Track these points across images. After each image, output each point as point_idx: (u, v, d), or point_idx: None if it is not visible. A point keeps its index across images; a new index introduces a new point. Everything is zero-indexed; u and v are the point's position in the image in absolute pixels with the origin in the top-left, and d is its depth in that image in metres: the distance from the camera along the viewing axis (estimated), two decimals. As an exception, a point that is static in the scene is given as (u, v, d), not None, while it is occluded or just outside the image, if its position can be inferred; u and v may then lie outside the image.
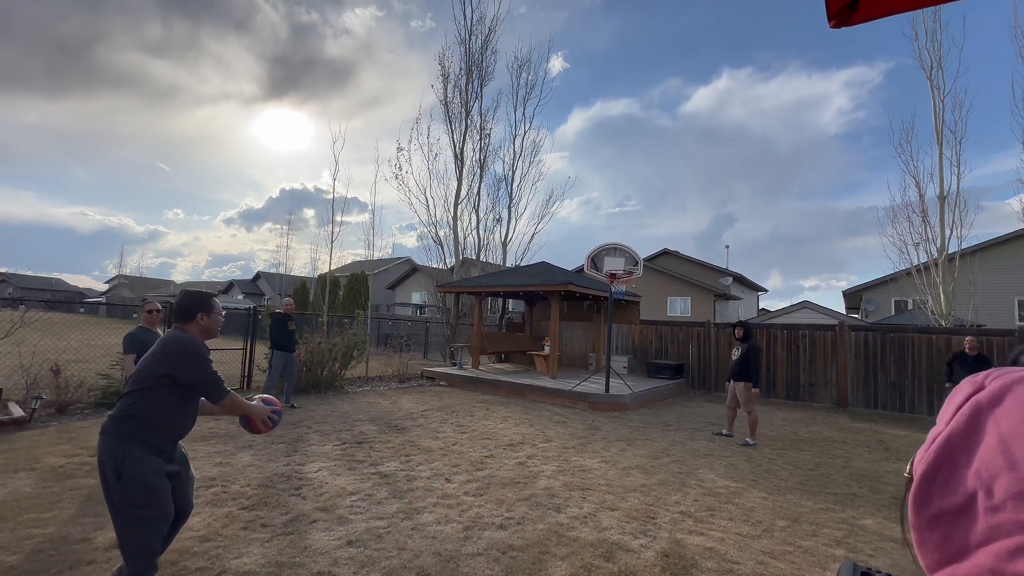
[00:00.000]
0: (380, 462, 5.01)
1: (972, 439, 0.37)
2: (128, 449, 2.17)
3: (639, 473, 5.07)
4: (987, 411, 0.37)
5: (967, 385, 0.41)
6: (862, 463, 5.89)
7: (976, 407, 0.38)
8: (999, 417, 0.36)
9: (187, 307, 2.48)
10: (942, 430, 0.40)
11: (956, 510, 0.36)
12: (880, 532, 3.83)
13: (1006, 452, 0.34)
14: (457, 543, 3.31)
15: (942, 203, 12.32)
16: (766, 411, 9.34)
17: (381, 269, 35.87)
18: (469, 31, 16.83)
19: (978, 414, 0.37)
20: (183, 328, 2.45)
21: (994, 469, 0.34)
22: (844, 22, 1.11)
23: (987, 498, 0.34)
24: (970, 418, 0.38)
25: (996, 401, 0.37)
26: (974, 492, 0.35)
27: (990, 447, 0.35)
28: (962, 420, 0.38)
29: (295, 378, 8.01)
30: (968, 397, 0.40)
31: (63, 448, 4.98)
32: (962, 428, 0.38)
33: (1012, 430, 0.34)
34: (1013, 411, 0.35)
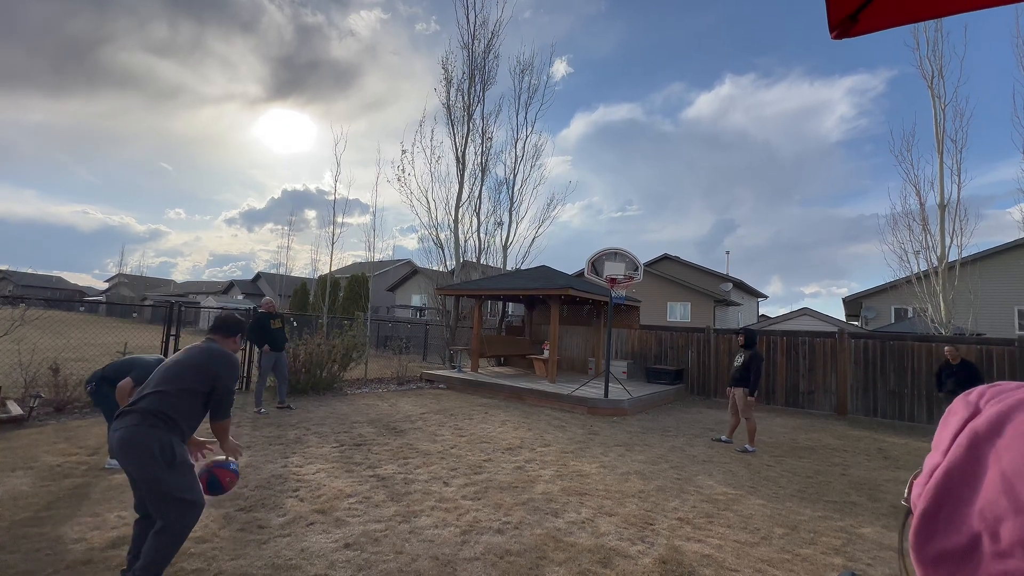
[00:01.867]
0: (378, 465, 5.01)
1: (973, 474, 0.35)
2: (175, 439, 2.38)
3: (637, 479, 5.06)
4: (986, 442, 0.35)
5: (961, 408, 0.39)
6: (861, 471, 5.88)
7: (974, 437, 0.36)
8: (1001, 451, 0.34)
9: (233, 326, 2.83)
10: (939, 462, 0.38)
11: (960, 551, 0.35)
12: (879, 541, 3.82)
13: (1010, 494, 0.32)
14: (454, 547, 3.30)
15: (942, 211, 12.34)
16: (765, 418, 9.32)
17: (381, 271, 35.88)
18: (472, 35, 16.92)
19: (977, 445, 0.36)
20: (221, 342, 2.75)
21: (999, 511, 0.32)
22: (845, 33, 1.12)
23: (993, 542, 0.32)
24: (968, 450, 0.36)
25: (996, 431, 0.35)
26: (978, 533, 0.34)
27: (993, 485, 0.33)
28: (960, 452, 0.37)
29: (286, 377, 7.88)
30: (964, 423, 0.38)
31: (61, 447, 4.97)
32: (961, 461, 0.36)
33: (1015, 468, 0.33)
34: (1015, 444, 0.34)
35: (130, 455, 2.29)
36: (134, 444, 2.28)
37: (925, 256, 12.67)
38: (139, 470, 2.30)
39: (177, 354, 2.65)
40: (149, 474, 2.28)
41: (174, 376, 2.47)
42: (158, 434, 2.32)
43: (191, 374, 2.49)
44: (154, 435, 2.31)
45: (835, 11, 1.04)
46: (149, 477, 2.29)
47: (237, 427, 6.19)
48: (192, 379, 2.48)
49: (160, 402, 2.38)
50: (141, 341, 9.33)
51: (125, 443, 2.30)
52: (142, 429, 2.31)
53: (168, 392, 2.42)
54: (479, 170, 16.94)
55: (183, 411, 2.44)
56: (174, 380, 2.45)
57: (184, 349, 2.70)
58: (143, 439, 2.29)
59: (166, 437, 2.34)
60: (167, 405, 2.39)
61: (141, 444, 2.28)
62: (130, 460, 2.30)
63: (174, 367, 2.51)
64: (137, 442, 2.28)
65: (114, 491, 3.91)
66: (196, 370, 2.50)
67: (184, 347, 2.77)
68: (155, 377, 2.50)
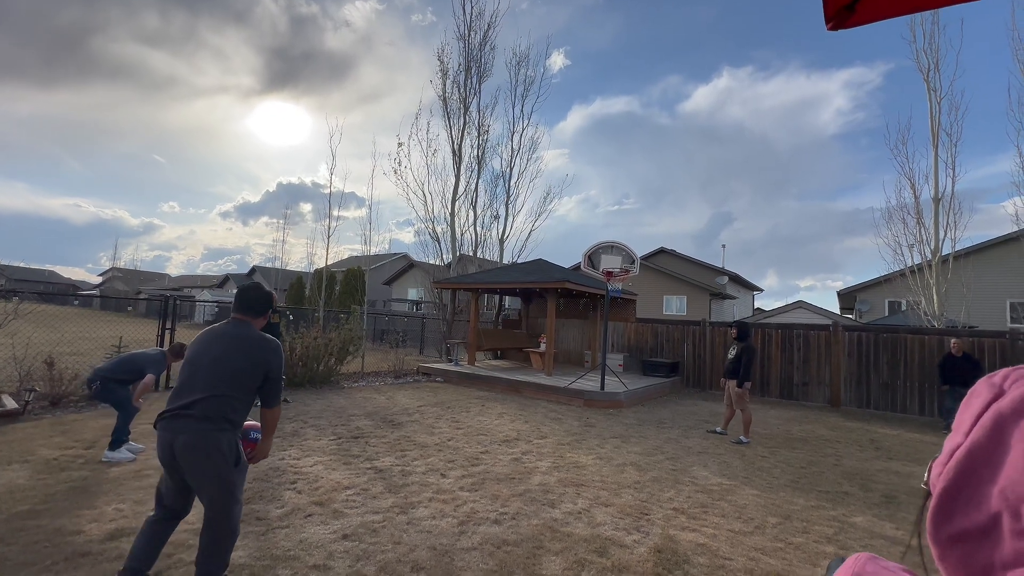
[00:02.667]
0: (376, 457, 5.03)
1: (996, 454, 0.35)
2: (237, 438, 2.37)
3: (633, 470, 5.10)
4: (1011, 422, 0.35)
5: (985, 389, 0.38)
6: (853, 462, 5.95)
7: (998, 418, 0.36)
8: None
9: (265, 302, 2.58)
10: (961, 442, 0.38)
11: (980, 530, 0.35)
12: (870, 529, 3.88)
13: None
14: (452, 537, 3.33)
15: (937, 205, 12.40)
16: (760, 410, 9.40)
17: (377, 264, 35.79)
18: (468, 26, 16.78)
19: (1001, 426, 0.35)
20: (256, 323, 2.55)
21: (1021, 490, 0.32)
22: (841, 24, 1.12)
23: (1014, 520, 0.32)
24: (992, 430, 0.35)
25: (1021, 411, 0.35)
26: (999, 512, 0.33)
27: (1017, 465, 0.33)
28: (984, 432, 0.36)
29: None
30: (987, 404, 0.37)
31: (57, 440, 4.97)
32: (984, 441, 0.36)
33: None
34: None
35: (199, 457, 2.24)
36: (206, 448, 2.24)
37: (919, 249, 12.75)
38: (211, 471, 2.25)
39: (215, 348, 2.41)
40: (224, 475, 2.27)
41: (228, 378, 2.34)
42: (226, 436, 2.30)
43: (245, 374, 2.38)
44: (223, 438, 2.29)
45: (831, 1, 1.05)
46: (224, 478, 2.27)
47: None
48: (247, 379, 2.39)
49: (221, 406, 2.30)
50: (136, 335, 9.29)
51: (193, 447, 2.24)
52: (211, 433, 2.26)
53: (225, 395, 2.32)
54: (475, 163, 16.88)
55: (241, 411, 2.40)
56: (229, 382, 2.33)
57: (217, 338, 2.45)
58: (215, 442, 2.25)
59: (232, 438, 2.33)
60: (228, 408, 2.32)
61: (213, 447, 2.25)
62: (199, 462, 2.24)
63: (224, 367, 2.35)
64: (208, 445, 2.24)
65: (111, 484, 3.92)
66: (249, 368, 2.38)
67: (213, 333, 2.48)
68: (204, 377, 2.33)
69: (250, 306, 2.55)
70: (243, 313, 2.54)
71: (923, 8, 1.17)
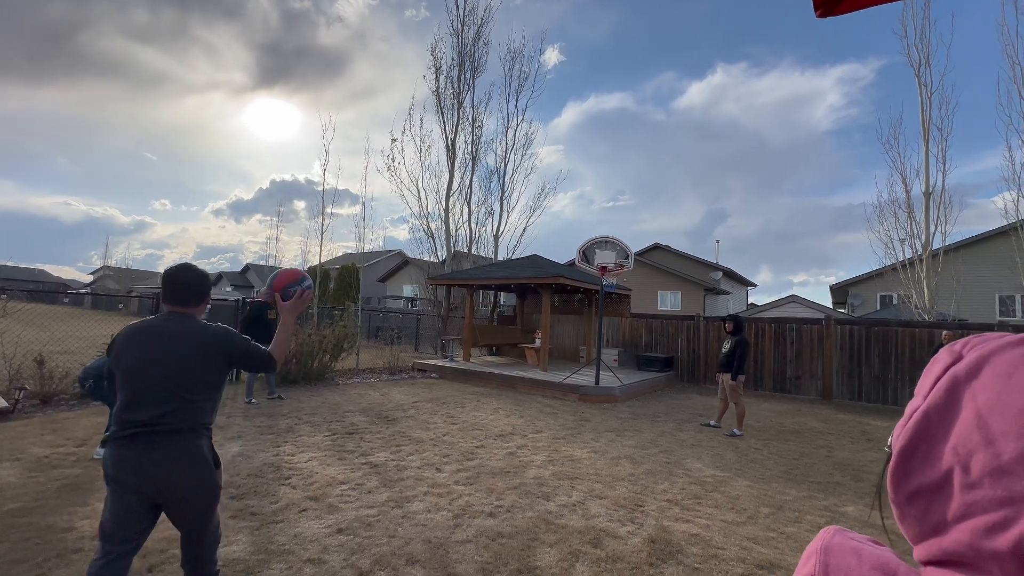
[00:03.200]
0: (370, 452, 5.02)
1: (949, 413, 0.36)
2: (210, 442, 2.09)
3: (627, 463, 5.13)
4: (964, 384, 0.36)
5: (945, 355, 0.40)
6: (845, 453, 6.02)
7: (954, 380, 0.37)
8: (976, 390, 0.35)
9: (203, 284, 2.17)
10: (919, 404, 0.39)
11: (934, 485, 0.36)
12: (861, 519, 3.92)
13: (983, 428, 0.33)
14: (447, 531, 3.34)
15: (927, 200, 12.52)
16: (753, 403, 9.47)
17: (372, 262, 35.65)
18: (462, 21, 16.69)
19: (955, 387, 0.37)
20: (196, 312, 2.14)
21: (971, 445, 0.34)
22: (830, 11, 1.13)
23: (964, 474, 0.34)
24: (947, 391, 0.37)
25: (974, 373, 0.36)
26: (951, 468, 0.35)
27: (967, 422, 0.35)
28: (939, 394, 0.38)
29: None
30: (946, 368, 0.39)
31: (48, 439, 4.93)
32: (940, 402, 0.37)
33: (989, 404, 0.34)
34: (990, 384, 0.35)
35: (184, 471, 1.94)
36: (190, 459, 1.95)
37: (910, 244, 12.89)
38: (199, 483, 1.98)
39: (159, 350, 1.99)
40: (212, 484, 2.03)
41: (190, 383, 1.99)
42: (206, 442, 2.04)
43: (209, 374, 2.03)
44: (204, 444, 2.02)
45: (819, -13, 1.05)
46: (213, 488, 2.04)
47: (228, 418, 6.18)
48: (211, 377, 2.05)
49: (192, 412, 1.99)
50: (128, 333, 9.20)
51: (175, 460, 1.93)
52: (192, 441, 1.97)
53: (194, 401, 2.00)
54: (470, 159, 16.83)
55: (212, 411, 2.11)
56: (193, 388, 1.99)
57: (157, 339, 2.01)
58: (198, 451, 1.98)
59: (209, 443, 2.06)
60: (200, 413, 2.02)
61: (198, 456, 1.97)
62: (184, 476, 1.94)
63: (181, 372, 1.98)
64: (193, 456, 1.96)
65: (104, 481, 3.89)
66: (201, 367, 2.02)
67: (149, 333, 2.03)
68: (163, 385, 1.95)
69: (188, 293, 2.11)
70: (179, 303, 2.10)
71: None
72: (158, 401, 1.95)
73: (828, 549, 0.47)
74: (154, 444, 1.92)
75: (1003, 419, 0.33)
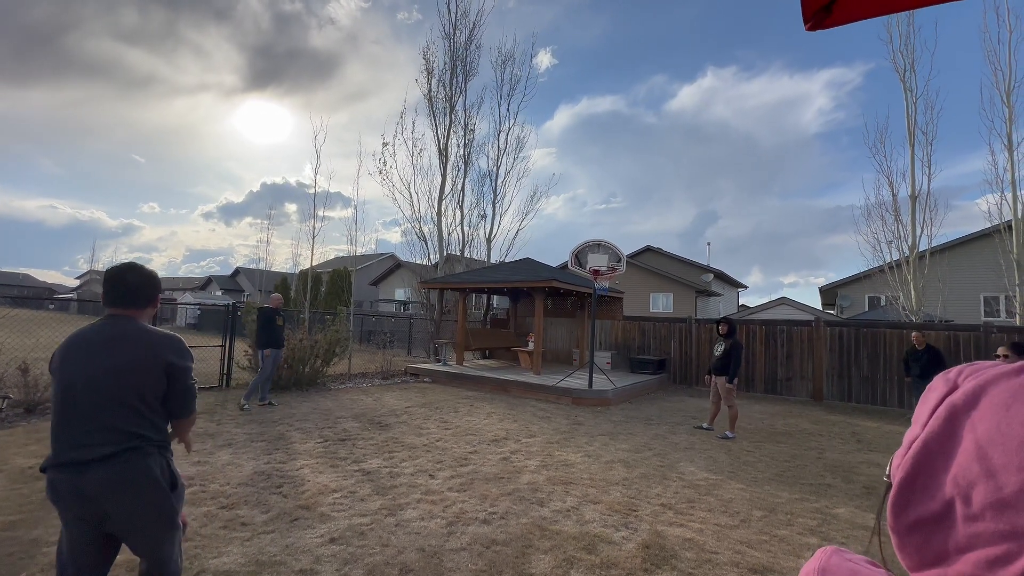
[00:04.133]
0: (363, 459, 4.98)
1: (949, 444, 0.36)
2: (169, 457, 1.91)
3: (621, 467, 5.14)
4: (963, 414, 0.36)
5: (940, 384, 0.40)
6: (836, 454, 6.08)
7: (952, 410, 0.37)
8: (975, 421, 0.35)
9: (149, 285, 1.97)
10: (918, 434, 0.39)
11: (934, 516, 0.36)
12: (852, 521, 3.96)
13: (983, 459, 0.33)
14: (441, 538, 3.32)
15: (913, 202, 12.72)
16: (745, 405, 9.54)
17: (364, 265, 35.48)
18: (454, 25, 16.72)
19: (954, 417, 0.37)
20: (141, 316, 1.95)
21: (971, 476, 0.34)
22: (819, 24, 1.14)
23: (965, 506, 0.34)
24: (946, 421, 0.37)
25: (972, 403, 0.36)
26: (952, 499, 0.35)
27: (967, 453, 0.35)
28: (938, 424, 0.38)
29: (272, 376, 7.90)
30: (943, 398, 0.39)
31: (32, 449, 4.83)
32: (938, 432, 0.37)
33: (988, 436, 0.34)
34: (989, 415, 0.35)
35: (128, 494, 1.74)
36: (134, 480, 1.74)
37: (897, 246, 13.08)
38: (146, 507, 1.78)
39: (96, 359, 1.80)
40: (163, 507, 1.82)
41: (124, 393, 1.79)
42: (154, 460, 1.82)
43: (144, 383, 1.82)
44: (152, 462, 1.80)
45: (809, 2, 1.06)
46: (164, 510, 1.82)
47: (218, 425, 6.10)
48: (148, 387, 1.83)
49: (132, 426, 1.78)
50: (115, 339, 9.07)
51: (118, 483, 1.72)
52: (135, 460, 1.76)
53: (134, 411, 1.79)
54: (462, 162, 16.84)
55: (159, 424, 1.88)
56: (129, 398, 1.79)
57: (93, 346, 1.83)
58: (144, 470, 1.77)
59: (161, 460, 1.84)
60: (142, 425, 1.81)
61: (144, 477, 1.77)
62: (128, 500, 1.74)
63: (116, 381, 1.78)
64: (138, 476, 1.75)
65: (90, 492, 3.82)
66: (141, 374, 1.81)
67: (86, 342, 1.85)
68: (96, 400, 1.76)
69: (131, 294, 1.92)
70: (122, 306, 1.91)
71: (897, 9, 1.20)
72: (94, 415, 1.76)
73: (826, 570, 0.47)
74: (95, 466, 1.71)
75: (1004, 451, 0.33)
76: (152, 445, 1.83)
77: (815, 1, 1.08)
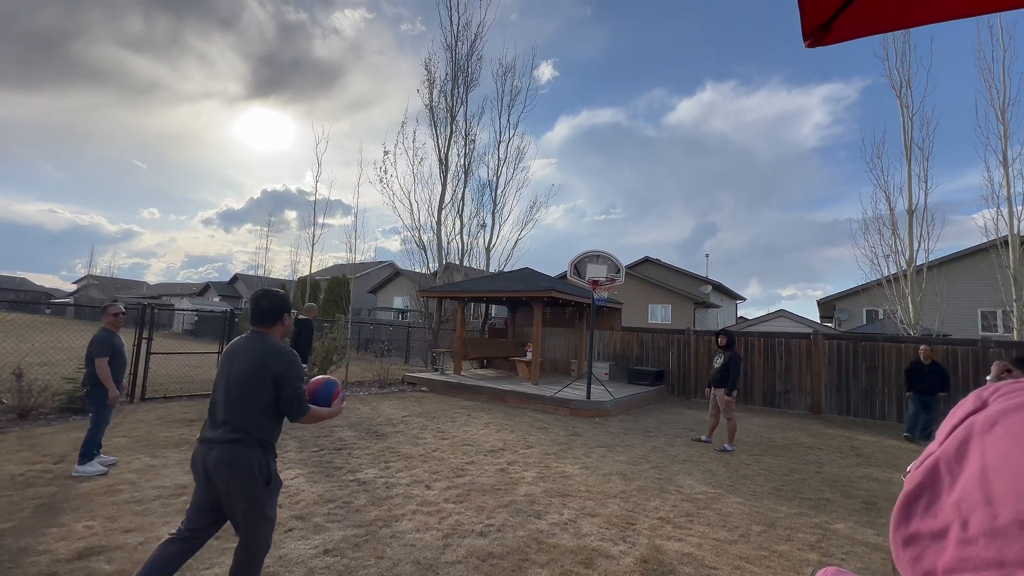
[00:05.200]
0: (359, 469, 4.93)
1: (959, 466, 0.36)
2: (269, 457, 2.31)
3: (619, 479, 5.09)
4: (978, 436, 0.36)
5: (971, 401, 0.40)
6: (835, 468, 6.04)
7: (968, 430, 0.37)
8: (987, 445, 0.35)
9: (275, 308, 2.43)
10: (934, 450, 0.39)
11: (932, 534, 0.36)
12: (852, 536, 3.92)
13: (985, 486, 0.33)
14: (436, 551, 3.28)
15: (911, 217, 12.80)
16: (743, 417, 9.51)
17: (363, 273, 35.46)
18: (455, 37, 16.90)
19: (968, 439, 0.37)
20: (269, 332, 2.42)
21: (972, 501, 0.34)
22: (819, 42, 1.16)
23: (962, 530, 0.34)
24: (961, 443, 0.37)
25: (988, 427, 0.36)
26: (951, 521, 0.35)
27: (972, 478, 0.35)
28: (953, 443, 0.37)
29: None
30: (966, 415, 0.38)
31: (24, 455, 4.77)
32: (951, 453, 0.37)
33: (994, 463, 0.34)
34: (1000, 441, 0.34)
35: (228, 475, 2.20)
36: (235, 465, 2.21)
37: (894, 260, 13.14)
38: (239, 489, 2.21)
39: (235, 364, 2.33)
40: (249, 493, 2.21)
41: (245, 395, 2.27)
42: (255, 454, 2.23)
43: (256, 388, 2.26)
44: (252, 455, 2.22)
45: (809, 20, 1.08)
46: (249, 496, 2.21)
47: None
48: (259, 393, 2.27)
49: (245, 424, 2.24)
50: (111, 344, 9.02)
51: (224, 464, 2.21)
52: (240, 451, 2.22)
53: (248, 412, 2.25)
54: (462, 172, 16.92)
55: (268, 427, 2.30)
56: (247, 399, 2.26)
57: (235, 354, 2.35)
58: (244, 461, 2.21)
59: (261, 456, 2.25)
60: (253, 425, 2.25)
61: (243, 466, 2.20)
62: (228, 479, 2.20)
63: (240, 384, 2.28)
64: (238, 463, 2.20)
65: (81, 500, 3.77)
66: (257, 380, 2.26)
67: (232, 349, 2.39)
68: (225, 397, 2.29)
69: (261, 316, 2.41)
70: (257, 324, 2.41)
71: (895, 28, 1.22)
72: (223, 408, 2.28)
73: None
74: (214, 447, 2.23)
75: (1005, 480, 0.32)
76: (255, 441, 2.25)
77: (815, 18, 1.10)
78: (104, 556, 2.96)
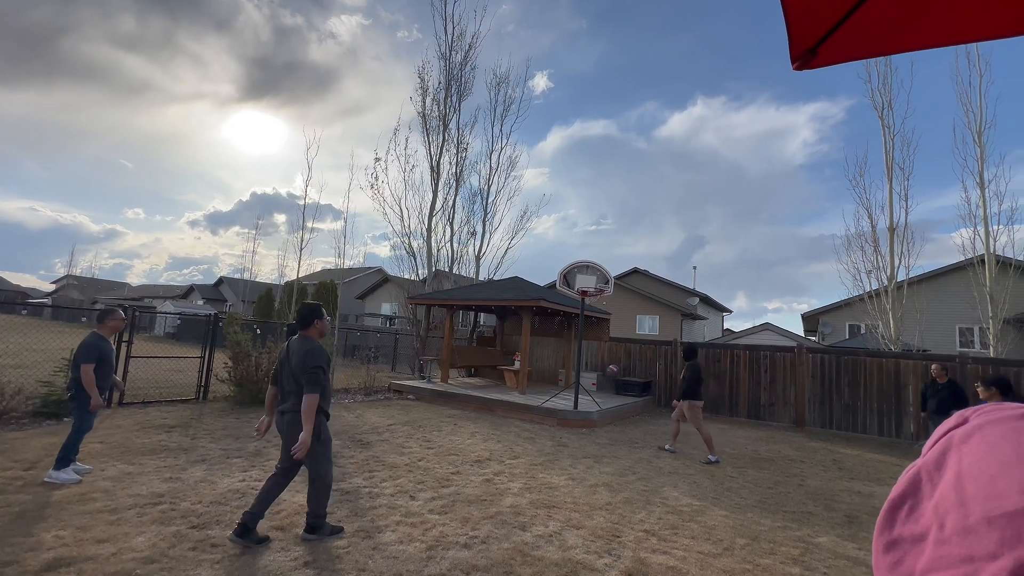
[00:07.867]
0: (342, 478, 4.85)
1: (938, 473, 0.39)
2: (321, 420, 3.44)
3: (605, 491, 5.08)
4: (955, 448, 0.39)
5: (954, 418, 0.43)
6: (818, 482, 6.09)
7: (948, 443, 0.40)
8: (963, 454, 0.38)
9: (307, 316, 3.54)
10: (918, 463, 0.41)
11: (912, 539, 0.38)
12: (834, 550, 3.95)
13: (959, 489, 0.35)
14: (419, 563, 3.22)
15: (892, 234, 13.10)
16: (728, 429, 9.57)
17: (351, 278, 35.19)
18: (450, 46, 17.01)
19: (947, 450, 0.39)
20: (307, 334, 3.53)
21: (948, 504, 0.36)
22: (806, 65, 1.19)
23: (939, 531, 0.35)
24: (940, 453, 0.39)
25: (965, 439, 0.39)
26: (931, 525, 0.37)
27: (948, 482, 0.37)
28: (934, 455, 0.40)
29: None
30: (948, 430, 0.41)
31: (-7, 461, 4.61)
32: (932, 462, 0.40)
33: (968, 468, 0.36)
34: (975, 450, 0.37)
35: (294, 432, 3.31)
36: (294, 425, 3.33)
37: (876, 276, 13.41)
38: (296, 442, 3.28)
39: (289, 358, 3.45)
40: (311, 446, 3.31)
41: (294, 380, 3.38)
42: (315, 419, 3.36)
43: (298, 373, 3.35)
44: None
45: (796, 44, 1.11)
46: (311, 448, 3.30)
47: (192, 439, 5.91)
48: (299, 376, 3.35)
49: (296, 395, 3.37)
50: (89, 347, 8.79)
51: (287, 423, 3.38)
52: (296, 416, 3.32)
53: (296, 389, 3.37)
54: (454, 180, 16.94)
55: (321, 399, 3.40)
56: (296, 383, 3.37)
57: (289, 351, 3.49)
58: (297, 422, 3.31)
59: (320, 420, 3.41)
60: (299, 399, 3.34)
61: (296, 425, 3.31)
62: (294, 435, 3.29)
63: (292, 372, 3.40)
64: (296, 424, 3.32)
65: (53, 508, 3.64)
66: (300, 370, 3.34)
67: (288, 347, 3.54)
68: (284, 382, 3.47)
69: (300, 321, 3.56)
70: (300, 328, 3.55)
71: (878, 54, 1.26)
72: (285, 389, 3.47)
73: None
74: (284, 413, 3.44)
75: (976, 483, 0.35)
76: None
77: (802, 43, 1.13)
78: (74, 568, 2.86)
